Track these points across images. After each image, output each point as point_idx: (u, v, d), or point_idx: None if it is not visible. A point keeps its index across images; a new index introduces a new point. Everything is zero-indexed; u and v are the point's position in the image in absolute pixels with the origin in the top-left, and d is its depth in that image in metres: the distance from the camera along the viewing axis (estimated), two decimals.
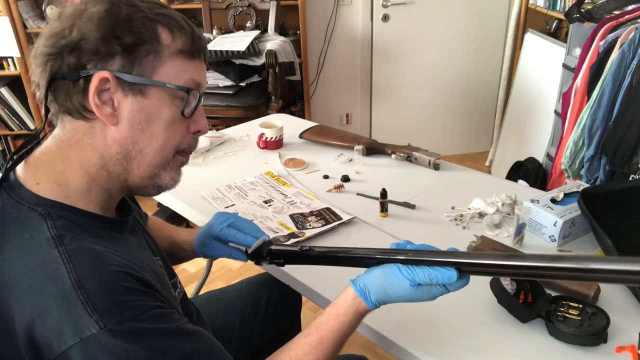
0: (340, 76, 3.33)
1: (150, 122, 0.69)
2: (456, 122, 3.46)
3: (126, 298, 0.60)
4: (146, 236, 0.86)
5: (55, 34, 0.66)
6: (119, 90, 0.67)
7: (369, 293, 0.74)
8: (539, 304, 0.91)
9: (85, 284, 0.59)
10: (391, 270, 0.73)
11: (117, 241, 0.70)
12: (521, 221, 1.12)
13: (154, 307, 0.62)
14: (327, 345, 0.74)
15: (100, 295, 0.59)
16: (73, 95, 0.67)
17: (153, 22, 0.67)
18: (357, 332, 0.94)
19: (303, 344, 0.75)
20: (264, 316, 1.25)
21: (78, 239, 0.63)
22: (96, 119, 0.68)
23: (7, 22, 2.78)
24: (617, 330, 0.87)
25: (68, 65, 0.66)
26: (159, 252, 0.88)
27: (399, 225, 1.24)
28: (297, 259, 0.86)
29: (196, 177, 1.47)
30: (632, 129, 1.70)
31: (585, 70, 1.96)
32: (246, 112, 2.59)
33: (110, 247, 0.66)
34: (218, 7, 2.97)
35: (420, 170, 1.50)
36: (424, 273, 0.70)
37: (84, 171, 0.69)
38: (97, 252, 0.63)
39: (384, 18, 3.12)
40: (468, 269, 0.70)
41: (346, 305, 0.75)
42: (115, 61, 0.66)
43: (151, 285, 0.65)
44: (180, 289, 0.91)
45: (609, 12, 2.07)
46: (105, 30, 0.65)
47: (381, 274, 0.74)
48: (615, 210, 1.10)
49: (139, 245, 0.78)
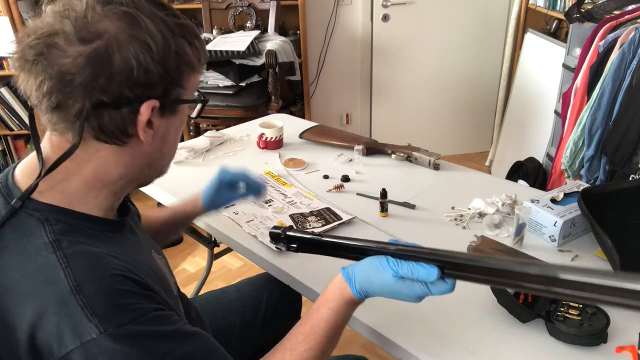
0: (340, 76, 3.33)
1: (173, 132, 0.73)
2: (456, 122, 3.46)
3: (125, 301, 0.60)
4: (144, 234, 0.86)
5: (91, 59, 0.60)
6: (158, 114, 0.67)
7: (355, 280, 0.75)
8: (539, 304, 0.91)
9: (84, 288, 0.59)
10: (379, 260, 0.73)
11: (115, 242, 0.70)
12: (521, 221, 1.12)
13: (153, 309, 0.62)
14: (320, 333, 0.75)
15: (99, 299, 0.59)
16: (113, 122, 0.64)
17: (181, 38, 0.66)
18: (357, 332, 0.94)
19: (296, 334, 0.76)
20: (264, 317, 1.25)
21: (76, 242, 0.63)
22: (129, 141, 0.67)
23: (7, 22, 2.78)
24: (617, 330, 0.88)
25: (112, 93, 0.62)
26: (160, 250, 0.88)
27: (399, 225, 1.24)
28: (310, 246, 0.86)
29: (196, 177, 1.47)
30: (632, 129, 1.70)
31: (585, 70, 1.96)
32: (246, 112, 2.59)
33: (108, 249, 0.66)
34: (218, 7, 2.97)
35: (420, 170, 1.50)
36: (407, 266, 0.71)
37: (97, 180, 0.68)
38: (95, 256, 0.63)
39: (384, 18, 3.12)
40: (451, 272, 0.70)
41: (334, 289, 0.76)
42: (159, 87, 0.65)
43: (149, 287, 0.65)
44: (177, 289, 0.91)
45: (609, 12, 2.07)
46: (152, 62, 0.62)
47: (369, 262, 0.74)
48: (615, 210, 1.10)
49: (138, 244, 0.78)
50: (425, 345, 0.87)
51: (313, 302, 1.03)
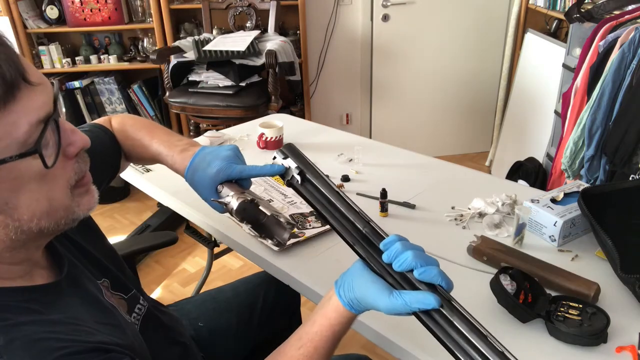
0: (340, 76, 3.33)
1: (20, 194, 0.57)
2: (456, 122, 3.46)
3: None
4: (87, 260, 0.77)
5: None
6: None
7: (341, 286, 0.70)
8: (539, 304, 0.91)
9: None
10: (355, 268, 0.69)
11: (52, 306, 0.62)
12: (521, 221, 1.12)
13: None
14: (322, 353, 0.70)
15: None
16: None
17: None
18: (357, 332, 0.94)
19: (297, 356, 0.70)
20: (260, 316, 1.25)
21: (9, 328, 0.55)
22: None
23: (7, 22, 2.79)
24: (617, 330, 0.87)
25: None
26: (106, 269, 0.79)
27: (399, 225, 1.24)
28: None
29: None
30: (632, 129, 1.70)
31: (585, 70, 1.96)
32: (246, 112, 2.59)
33: (46, 318, 0.59)
34: (218, 7, 2.97)
35: (420, 170, 1.50)
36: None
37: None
38: (31, 343, 0.55)
39: (384, 18, 3.12)
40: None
41: (335, 312, 0.70)
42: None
43: (94, 348, 0.59)
44: (142, 303, 0.85)
45: (609, 12, 2.07)
46: None
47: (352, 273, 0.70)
48: (615, 210, 1.10)
49: (80, 292, 0.69)
50: (425, 345, 0.87)
51: (313, 302, 1.04)
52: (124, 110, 3.18)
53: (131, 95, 3.16)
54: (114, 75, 3.11)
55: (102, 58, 3.10)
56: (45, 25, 2.99)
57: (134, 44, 3.16)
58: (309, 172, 0.74)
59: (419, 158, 1.58)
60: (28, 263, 0.64)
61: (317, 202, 0.72)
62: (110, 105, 3.18)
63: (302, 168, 0.74)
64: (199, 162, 0.83)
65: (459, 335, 0.61)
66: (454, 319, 0.61)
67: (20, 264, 0.63)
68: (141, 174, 1.46)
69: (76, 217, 0.64)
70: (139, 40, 3.16)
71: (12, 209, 0.57)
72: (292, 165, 0.74)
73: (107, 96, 3.15)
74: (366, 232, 0.69)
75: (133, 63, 3.11)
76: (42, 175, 0.57)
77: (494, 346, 0.59)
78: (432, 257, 0.66)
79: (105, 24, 2.96)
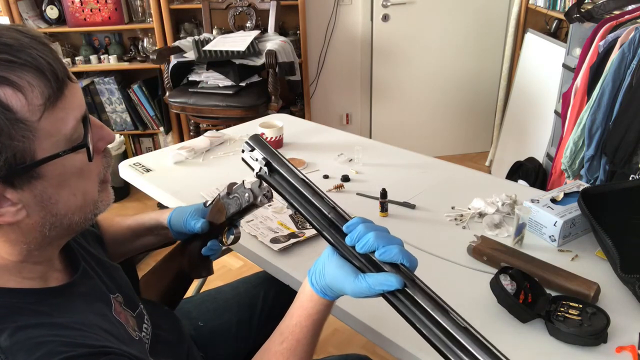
0: (340, 76, 3.33)
1: (62, 190, 0.59)
2: (456, 122, 3.46)
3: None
4: (102, 271, 0.78)
5: None
6: (8, 189, 0.55)
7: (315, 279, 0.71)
8: (539, 304, 0.91)
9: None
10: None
11: (61, 309, 0.62)
12: (521, 221, 1.12)
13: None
14: (304, 343, 0.72)
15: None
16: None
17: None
18: (357, 332, 0.94)
19: (281, 351, 0.72)
20: (260, 315, 1.25)
21: (15, 330, 0.55)
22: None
23: (7, 22, 2.78)
24: (617, 330, 0.87)
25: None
26: (118, 287, 0.79)
27: (399, 225, 1.24)
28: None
29: (196, 177, 1.47)
30: (632, 129, 1.70)
31: (585, 70, 1.96)
32: (246, 112, 2.59)
33: (54, 321, 0.59)
34: (218, 7, 2.97)
35: (420, 170, 1.50)
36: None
37: (4, 260, 0.62)
38: (35, 346, 0.55)
39: (384, 18, 3.12)
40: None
41: (310, 301, 0.72)
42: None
43: (98, 352, 0.59)
44: (146, 323, 0.83)
45: (609, 12, 2.07)
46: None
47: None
48: (615, 210, 1.10)
49: (89, 300, 0.69)
50: (425, 345, 0.86)
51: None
52: (124, 110, 3.18)
53: (131, 95, 3.16)
54: (114, 75, 3.11)
55: (102, 58, 3.11)
56: (45, 25, 2.99)
57: (134, 44, 3.17)
58: (274, 161, 0.74)
59: (419, 158, 1.58)
60: (48, 263, 0.66)
61: (285, 191, 0.73)
62: (110, 105, 3.18)
63: (268, 159, 0.74)
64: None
65: (422, 313, 0.62)
66: (417, 296, 0.62)
67: (42, 263, 0.64)
68: (141, 174, 1.46)
69: (98, 212, 0.66)
70: (139, 40, 3.16)
71: (54, 204, 0.59)
72: (259, 157, 0.75)
73: (107, 96, 3.15)
74: (332, 217, 0.69)
75: (133, 63, 3.11)
76: (81, 171, 0.61)
77: (456, 321, 0.60)
78: (395, 237, 0.66)
79: (105, 24, 2.97)
